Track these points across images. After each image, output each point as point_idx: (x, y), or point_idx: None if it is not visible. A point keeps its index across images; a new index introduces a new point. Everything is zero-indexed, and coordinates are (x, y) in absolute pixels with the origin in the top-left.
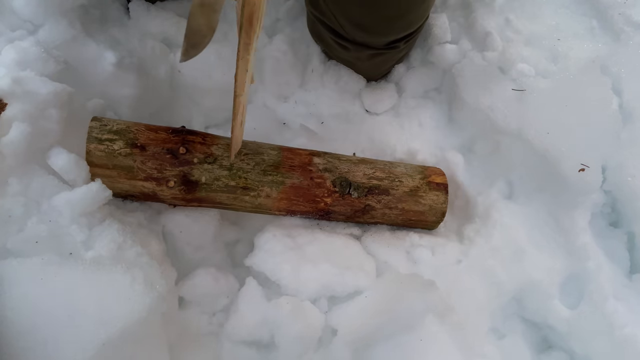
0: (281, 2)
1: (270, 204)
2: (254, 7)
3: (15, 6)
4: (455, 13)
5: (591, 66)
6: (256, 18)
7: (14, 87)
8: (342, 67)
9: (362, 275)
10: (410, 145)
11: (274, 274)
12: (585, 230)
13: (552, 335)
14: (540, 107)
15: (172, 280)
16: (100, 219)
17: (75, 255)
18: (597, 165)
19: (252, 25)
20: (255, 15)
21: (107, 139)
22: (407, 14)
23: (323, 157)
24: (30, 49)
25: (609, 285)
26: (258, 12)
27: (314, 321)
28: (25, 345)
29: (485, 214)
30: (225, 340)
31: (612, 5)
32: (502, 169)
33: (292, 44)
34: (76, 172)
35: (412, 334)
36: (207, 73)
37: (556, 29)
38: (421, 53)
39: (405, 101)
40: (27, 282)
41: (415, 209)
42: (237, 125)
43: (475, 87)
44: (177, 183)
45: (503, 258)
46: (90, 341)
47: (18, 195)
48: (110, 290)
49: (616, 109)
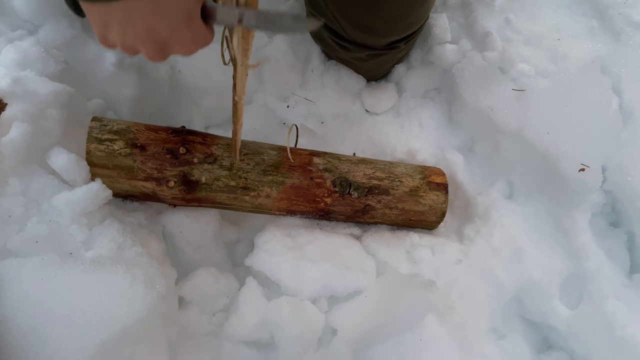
0: (281, 2)
1: (270, 204)
2: None
3: (15, 6)
4: (455, 13)
5: (591, 66)
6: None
7: (14, 87)
8: (342, 67)
9: (362, 275)
10: (410, 145)
11: (274, 274)
12: (585, 230)
13: (552, 335)
14: (540, 107)
15: (172, 280)
16: (100, 218)
17: (75, 255)
18: (597, 165)
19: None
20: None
21: (107, 139)
22: (408, 15)
23: (323, 157)
24: (30, 49)
25: (609, 285)
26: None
27: (314, 321)
28: (25, 345)
29: (485, 214)
30: (225, 340)
31: (612, 5)
32: (502, 169)
33: (292, 44)
34: (76, 172)
35: (412, 333)
36: (207, 73)
37: (556, 29)
38: (421, 53)
39: (405, 101)
40: (27, 282)
41: (416, 209)
42: (239, 129)
43: (475, 87)
44: (177, 183)
45: (503, 258)
46: (90, 341)
47: (18, 195)
48: (110, 290)
49: (616, 109)
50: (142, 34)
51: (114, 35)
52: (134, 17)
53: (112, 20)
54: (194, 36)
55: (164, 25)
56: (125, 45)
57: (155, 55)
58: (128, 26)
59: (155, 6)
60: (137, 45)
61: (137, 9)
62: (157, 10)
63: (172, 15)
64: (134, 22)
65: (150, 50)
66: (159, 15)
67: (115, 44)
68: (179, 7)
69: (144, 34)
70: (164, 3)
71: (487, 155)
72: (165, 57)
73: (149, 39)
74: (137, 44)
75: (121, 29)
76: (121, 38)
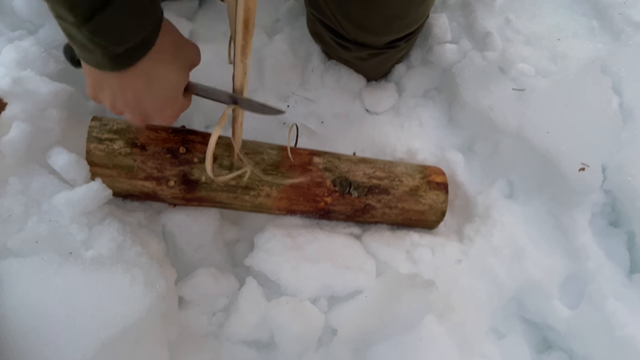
0: (281, 2)
1: (270, 204)
2: (249, 12)
3: (15, 6)
4: (455, 13)
5: (591, 66)
6: (252, 23)
7: (14, 87)
8: (342, 66)
9: (362, 275)
10: (411, 144)
11: (273, 274)
12: (585, 230)
13: (552, 335)
14: (540, 107)
15: (172, 280)
16: (100, 218)
17: (75, 254)
18: (597, 165)
19: (248, 30)
20: (251, 20)
21: (107, 138)
22: (408, 13)
23: (323, 157)
24: (30, 49)
25: (609, 285)
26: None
27: (314, 321)
28: (25, 345)
29: (485, 213)
30: (225, 340)
31: (612, 5)
32: (502, 168)
33: (292, 43)
34: (76, 171)
35: (412, 333)
36: (207, 73)
37: (556, 29)
38: (421, 53)
39: (406, 101)
40: (27, 282)
41: (416, 208)
42: (238, 127)
43: (475, 87)
44: (177, 182)
45: (503, 258)
46: (90, 341)
47: (18, 194)
48: (110, 290)
49: (616, 108)
50: (131, 103)
51: (104, 97)
52: (126, 89)
53: (105, 85)
54: (175, 111)
55: (152, 101)
56: (113, 107)
57: (137, 122)
58: (119, 94)
59: (147, 84)
60: (124, 110)
61: (131, 83)
62: (149, 88)
63: (160, 95)
64: (125, 93)
65: (135, 117)
66: (149, 92)
67: (103, 102)
68: (168, 88)
69: (132, 104)
70: (156, 83)
71: (487, 155)
72: (144, 123)
73: (136, 109)
74: (124, 110)
75: (112, 95)
76: (111, 102)
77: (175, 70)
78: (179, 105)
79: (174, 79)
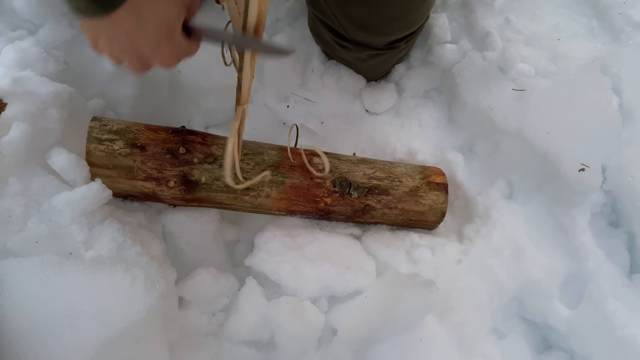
0: (281, 2)
1: (270, 204)
2: (261, 16)
3: (15, 6)
4: (455, 13)
5: (591, 66)
6: (263, 27)
7: (14, 87)
8: (342, 67)
9: (362, 275)
10: (410, 145)
11: (273, 274)
12: (585, 230)
13: (552, 335)
14: (540, 107)
15: (172, 280)
16: (100, 218)
17: (75, 255)
18: (597, 165)
19: (259, 34)
20: (262, 24)
21: (107, 139)
22: (408, 14)
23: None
24: (30, 49)
25: (609, 285)
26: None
27: (314, 321)
28: (25, 345)
29: (485, 213)
30: (225, 340)
31: (612, 5)
32: (502, 169)
33: (292, 43)
34: (76, 172)
35: (412, 333)
36: (207, 73)
37: (556, 29)
38: (421, 53)
39: (405, 101)
40: (27, 282)
41: (415, 209)
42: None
43: (475, 87)
44: (177, 183)
45: (503, 258)
46: (90, 341)
47: (18, 195)
48: (110, 290)
49: (616, 109)
50: (127, 47)
51: (103, 47)
52: (118, 32)
53: (101, 34)
54: (174, 51)
55: (146, 41)
56: (112, 54)
57: (137, 67)
58: (114, 39)
59: (137, 24)
60: (122, 56)
61: (121, 26)
62: (139, 28)
63: (153, 33)
64: (119, 37)
65: (134, 62)
66: (141, 32)
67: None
68: (160, 25)
69: (128, 48)
70: (145, 22)
71: (487, 155)
72: (147, 70)
73: (133, 53)
74: (122, 55)
75: (108, 41)
76: (109, 48)
77: (167, 5)
78: (178, 45)
79: (165, 14)
